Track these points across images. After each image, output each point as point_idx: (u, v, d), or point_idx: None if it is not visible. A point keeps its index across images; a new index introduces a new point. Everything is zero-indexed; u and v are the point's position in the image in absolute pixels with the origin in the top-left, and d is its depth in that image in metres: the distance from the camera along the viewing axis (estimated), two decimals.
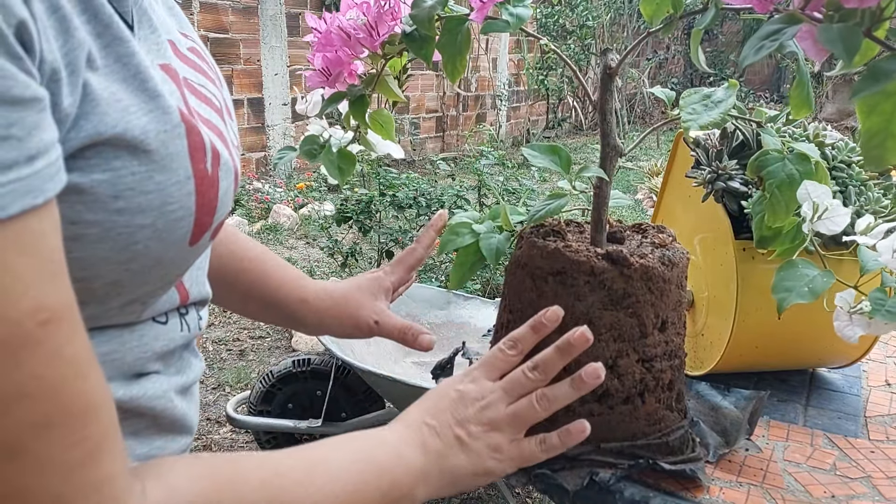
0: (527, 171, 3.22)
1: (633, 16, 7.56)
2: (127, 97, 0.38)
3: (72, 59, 0.35)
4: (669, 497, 0.67)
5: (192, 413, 0.52)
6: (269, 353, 2.69)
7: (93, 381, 0.36)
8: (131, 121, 0.38)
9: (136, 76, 0.39)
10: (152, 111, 0.40)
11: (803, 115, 0.62)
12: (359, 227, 2.63)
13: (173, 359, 0.51)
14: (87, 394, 0.35)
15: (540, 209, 0.68)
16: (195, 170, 0.42)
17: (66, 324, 0.34)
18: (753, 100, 8.60)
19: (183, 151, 0.41)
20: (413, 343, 0.73)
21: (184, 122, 0.42)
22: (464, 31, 0.64)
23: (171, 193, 0.41)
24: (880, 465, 0.76)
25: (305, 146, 0.74)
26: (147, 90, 0.40)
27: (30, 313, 0.32)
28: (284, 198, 4.48)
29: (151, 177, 0.39)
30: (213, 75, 0.52)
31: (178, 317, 0.51)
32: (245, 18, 4.92)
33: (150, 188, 0.39)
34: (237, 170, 0.49)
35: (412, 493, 0.54)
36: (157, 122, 0.40)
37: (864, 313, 0.65)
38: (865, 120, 0.43)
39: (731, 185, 0.84)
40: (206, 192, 0.44)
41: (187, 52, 0.50)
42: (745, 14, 0.54)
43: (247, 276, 0.72)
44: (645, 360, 0.67)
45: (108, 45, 0.38)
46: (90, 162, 0.37)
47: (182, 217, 0.42)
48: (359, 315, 0.73)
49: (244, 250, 0.73)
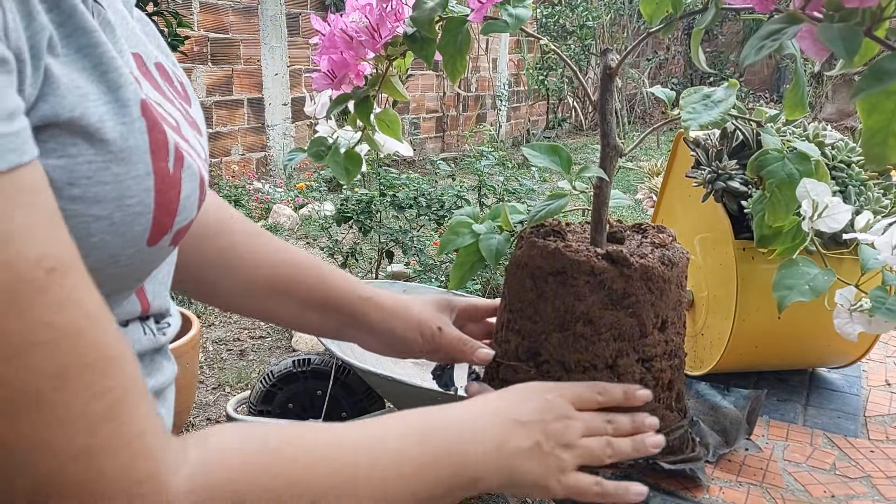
0: (527, 171, 3.22)
1: (633, 16, 7.56)
2: (86, 85, 0.38)
3: (34, 43, 0.35)
4: (669, 497, 0.67)
5: (163, 416, 0.51)
6: (269, 353, 2.70)
7: (110, 333, 0.35)
8: (89, 107, 0.38)
9: (96, 67, 0.39)
10: (111, 102, 0.39)
11: (797, 116, 0.62)
12: (359, 227, 2.63)
13: (143, 362, 0.50)
14: (105, 344, 0.34)
15: (540, 209, 0.68)
16: (156, 167, 0.42)
17: (75, 274, 0.34)
18: (753, 100, 8.60)
19: (143, 146, 0.41)
20: (471, 356, 0.72)
21: (145, 117, 0.41)
22: (464, 32, 0.64)
23: (130, 187, 0.40)
24: (880, 464, 0.76)
25: (314, 148, 0.74)
26: (107, 81, 0.39)
27: (34, 261, 0.31)
28: (284, 198, 4.48)
29: (108, 167, 0.39)
30: (171, 95, 0.51)
31: (138, 322, 0.50)
32: (245, 18, 4.92)
33: (107, 179, 0.38)
34: (203, 178, 0.48)
35: (476, 483, 0.54)
36: (115, 114, 0.39)
37: (864, 311, 0.65)
38: (866, 119, 0.43)
39: (731, 184, 0.84)
40: (167, 192, 0.43)
41: (153, 67, 0.50)
42: (745, 14, 0.54)
43: (306, 282, 0.72)
44: (645, 359, 0.67)
45: (70, 35, 0.38)
46: (46, 146, 0.36)
47: (140, 213, 0.41)
48: (422, 318, 0.72)
49: (298, 257, 0.73)
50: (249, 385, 2.39)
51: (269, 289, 0.71)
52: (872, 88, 0.41)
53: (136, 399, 0.36)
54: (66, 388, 0.32)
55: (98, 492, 0.33)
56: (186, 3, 4.42)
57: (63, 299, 0.32)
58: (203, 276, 0.70)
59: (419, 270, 2.70)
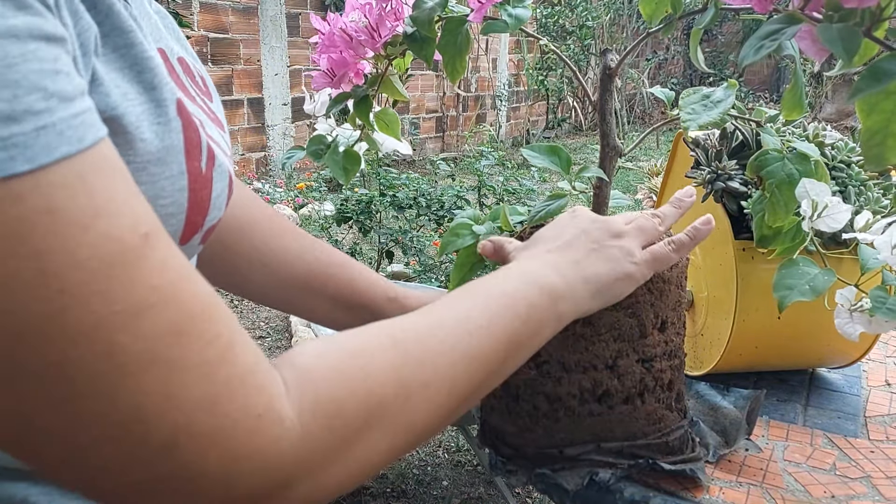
0: (527, 172, 3.22)
1: (632, 16, 7.55)
2: (125, 85, 0.39)
3: (84, 41, 0.35)
4: (669, 497, 0.67)
5: None
6: (269, 354, 2.70)
7: (202, 285, 0.36)
8: (129, 107, 0.38)
9: (132, 67, 0.39)
10: (148, 102, 0.40)
11: (795, 116, 0.62)
12: (359, 227, 2.63)
13: None
14: (203, 294, 0.36)
15: (540, 209, 0.68)
16: (189, 166, 0.42)
17: (164, 235, 0.35)
18: (753, 100, 8.60)
19: (178, 146, 0.41)
20: None
21: (181, 117, 0.41)
22: (464, 32, 0.64)
23: (164, 187, 0.40)
24: (880, 465, 0.76)
25: (312, 146, 0.74)
26: (143, 81, 0.40)
27: (131, 228, 0.33)
28: (284, 198, 4.48)
29: (145, 167, 0.39)
30: (193, 91, 0.51)
31: None
32: (245, 18, 4.92)
33: (143, 179, 0.39)
34: (231, 176, 0.49)
35: (555, 310, 0.54)
36: (152, 114, 0.40)
37: (864, 311, 0.65)
38: (866, 119, 0.43)
39: (730, 185, 0.84)
40: (199, 191, 0.43)
41: (176, 62, 0.50)
42: (744, 14, 0.54)
43: (336, 281, 0.74)
44: (645, 360, 0.67)
45: (107, 35, 0.38)
46: None
47: (173, 213, 0.42)
48: None
49: (330, 255, 0.75)
50: None
51: (302, 285, 0.73)
52: (871, 89, 0.41)
53: (242, 337, 0.38)
54: (181, 343, 0.34)
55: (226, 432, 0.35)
56: (186, 3, 4.42)
57: (162, 261, 0.34)
58: (236, 269, 0.71)
59: (419, 270, 2.70)
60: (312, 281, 0.73)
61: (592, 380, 0.66)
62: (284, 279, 0.72)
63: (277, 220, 0.74)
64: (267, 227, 0.72)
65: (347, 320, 0.75)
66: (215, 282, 0.72)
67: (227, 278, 0.72)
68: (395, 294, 0.75)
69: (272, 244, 0.72)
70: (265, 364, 0.39)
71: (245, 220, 0.71)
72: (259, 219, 0.72)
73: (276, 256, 0.72)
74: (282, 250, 0.72)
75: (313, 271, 0.73)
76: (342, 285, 0.74)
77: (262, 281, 0.72)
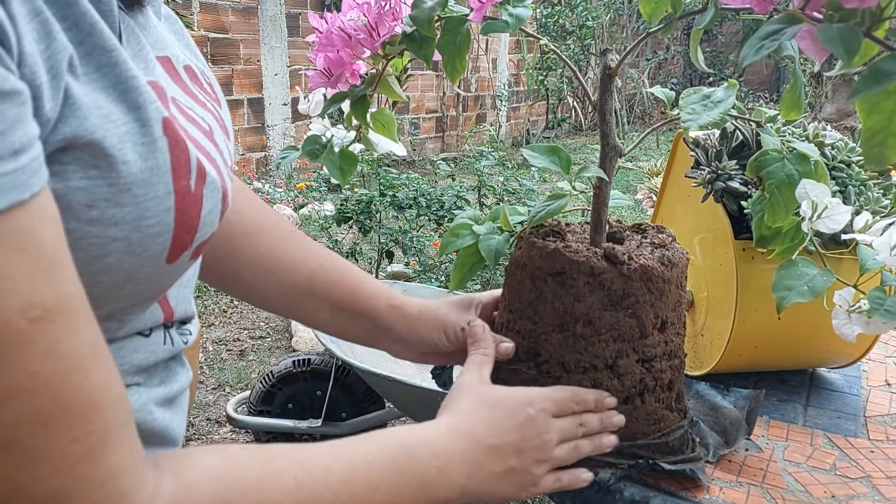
0: (527, 172, 3.21)
1: (632, 16, 7.55)
2: (107, 105, 0.38)
3: (54, 64, 0.34)
4: (669, 497, 0.67)
5: (175, 424, 0.52)
6: (269, 353, 2.69)
7: (94, 377, 0.35)
8: (110, 129, 0.37)
9: (116, 86, 0.39)
10: (133, 122, 0.39)
11: (794, 117, 0.62)
12: (359, 227, 2.63)
13: (157, 370, 0.50)
14: (88, 389, 0.35)
15: (540, 210, 0.68)
16: (177, 186, 0.41)
17: (65, 318, 0.34)
18: (753, 100, 8.60)
19: (164, 166, 0.40)
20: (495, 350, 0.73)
21: (167, 136, 0.41)
22: (463, 32, 0.64)
23: (149, 208, 0.40)
24: (880, 465, 0.76)
25: (308, 146, 0.74)
26: (128, 100, 0.39)
27: (19, 311, 0.32)
28: (284, 198, 4.48)
29: (129, 189, 0.38)
30: (202, 97, 0.51)
31: (162, 330, 0.50)
32: (245, 18, 4.92)
33: (126, 201, 0.38)
34: (226, 191, 0.48)
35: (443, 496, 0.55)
36: (136, 134, 0.39)
37: (862, 312, 0.65)
38: (866, 119, 0.43)
39: (730, 185, 0.84)
40: (188, 210, 0.43)
41: (182, 70, 0.50)
42: (744, 14, 0.54)
43: (339, 288, 0.73)
44: (645, 360, 0.67)
45: (90, 54, 0.38)
46: (67, 168, 0.36)
47: (159, 233, 0.41)
48: (447, 321, 0.73)
49: (333, 263, 0.74)
50: (249, 385, 2.39)
51: (305, 292, 0.73)
52: (871, 89, 0.41)
53: (118, 437, 0.36)
54: (46, 433, 0.33)
55: None
56: (186, 3, 4.42)
57: (48, 348, 0.33)
58: (240, 275, 0.71)
59: (419, 270, 2.70)
60: (315, 288, 0.73)
61: (592, 380, 0.66)
62: (288, 286, 0.72)
63: (282, 225, 0.73)
64: (275, 234, 0.72)
65: (348, 327, 0.75)
66: (217, 286, 0.72)
67: (229, 283, 0.72)
68: (397, 302, 0.74)
69: (278, 251, 0.72)
70: (138, 469, 0.37)
71: (252, 227, 0.71)
72: (266, 227, 0.72)
73: (281, 263, 0.72)
74: (287, 257, 0.72)
75: (317, 278, 0.73)
76: (345, 293, 0.73)
77: (266, 287, 0.72)
